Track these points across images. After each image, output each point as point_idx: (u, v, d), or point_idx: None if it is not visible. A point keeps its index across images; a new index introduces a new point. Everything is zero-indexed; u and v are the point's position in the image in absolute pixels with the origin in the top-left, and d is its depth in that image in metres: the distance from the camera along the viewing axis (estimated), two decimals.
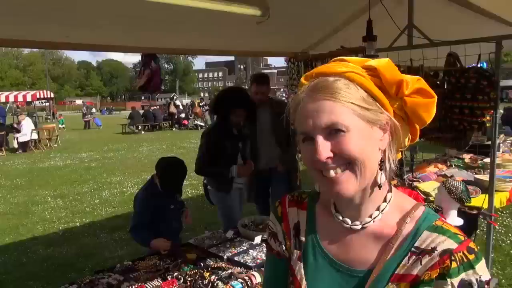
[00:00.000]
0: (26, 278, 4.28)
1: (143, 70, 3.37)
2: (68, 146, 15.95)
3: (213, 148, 3.26)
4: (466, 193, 2.82)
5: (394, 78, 0.78)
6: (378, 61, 0.80)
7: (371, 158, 0.78)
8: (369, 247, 0.84)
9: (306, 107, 0.78)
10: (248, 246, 2.66)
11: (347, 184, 0.77)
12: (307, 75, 0.84)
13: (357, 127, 0.76)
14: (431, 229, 0.79)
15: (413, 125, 0.84)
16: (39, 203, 7.41)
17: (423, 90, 0.79)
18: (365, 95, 0.77)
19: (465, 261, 0.74)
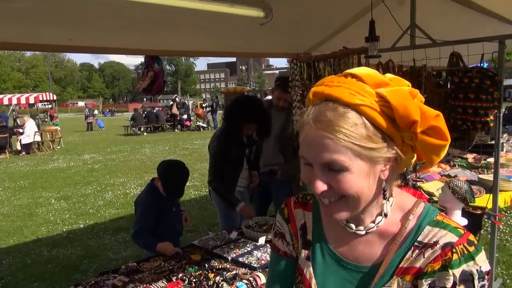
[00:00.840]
0: (31, 279, 4.30)
1: (146, 72, 3.37)
2: (71, 148, 16.00)
3: (223, 156, 3.24)
4: (470, 193, 2.82)
5: (407, 119, 0.73)
6: (394, 93, 0.73)
7: (367, 193, 0.79)
8: (374, 245, 0.87)
9: (309, 135, 0.76)
10: (253, 247, 2.66)
11: (340, 211, 0.80)
12: (316, 93, 0.79)
13: (358, 167, 0.75)
14: (433, 224, 0.82)
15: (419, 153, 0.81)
16: (43, 205, 7.43)
17: (439, 130, 0.74)
18: (373, 132, 0.74)
19: (466, 253, 0.78)
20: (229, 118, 3.21)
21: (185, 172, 2.93)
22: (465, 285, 0.77)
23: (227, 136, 3.21)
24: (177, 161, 3.01)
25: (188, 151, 13.62)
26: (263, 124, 3.21)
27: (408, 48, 3.07)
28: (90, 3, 2.24)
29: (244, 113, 3.12)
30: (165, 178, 2.84)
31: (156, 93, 3.46)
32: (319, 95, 0.78)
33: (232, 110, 3.23)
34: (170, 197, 2.91)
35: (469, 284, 0.77)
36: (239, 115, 3.13)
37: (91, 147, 16.12)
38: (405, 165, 0.82)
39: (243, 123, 3.13)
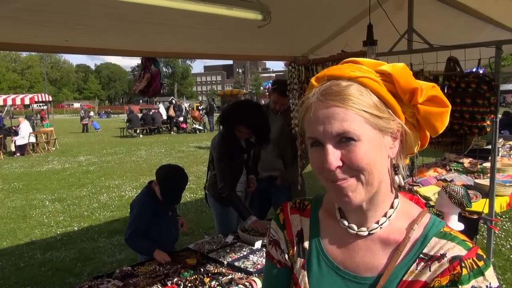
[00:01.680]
0: (23, 283, 4.25)
1: (143, 74, 3.35)
2: (66, 149, 15.91)
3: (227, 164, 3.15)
4: (467, 197, 2.82)
5: (409, 86, 0.76)
6: (393, 66, 0.77)
7: (379, 168, 0.77)
8: (375, 253, 0.83)
9: (317, 112, 0.76)
10: (249, 251, 2.64)
11: (355, 193, 0.76)
12: (318, 77, 0.81)
13: (369, 136, 0.75)
14: (440, 235, 0.79)
15: (424, 132, 0.82)
16: (37, 207, 7.37)
17: (437, 98, 0.77)
18: (378, 102, 0.76)
19: (475, 267, 0.74)
20: (222, 120, 3.19)
21: (184, 178, 2.89)
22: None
23: (227, 142, 3.15)
24: (177, 167, 2.96)
25: (184, 154, 13.58)
26: (260, 131, 3.12)
27: (405, 52, 3.07)
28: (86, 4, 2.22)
29: (236, 115, 3.07)
30: (163, 184, 2.80)
31: (153, 95, 3.43)
32: (321, 78, 0.80)
33: (225, 112, 3.21)
34: (167, 203, 2.88)
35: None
36: (231, 117, 3.09)
37: (87, 148, 16.04)
38: (410, 148, 0.82)
39: (234, 125, 3.07)
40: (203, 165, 10.37)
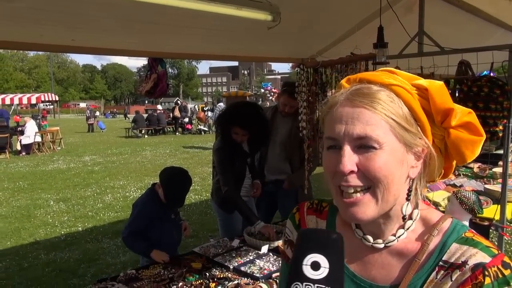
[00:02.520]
0: (27, 283, 4.23)
1: (149, 74, 3.32)
2: (72, 149, 15.96)
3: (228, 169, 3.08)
4: (478, 204, 2.76)
5: (444, 105, 0.71)
6: (431, 82, 0.73)
7: (397, 184, 0.72)
8: (392, 264, 0.78)
9: (342, 110, 0.72)
10: (255, 256, 2.59)
11: (365, 208, 0.71)
12: (350, 79, 0.78)
13: (391, 146, 0.70)
14: (461, 241, 0.74)
15: (449, 161, 0.77)
16: (42, 207, 7.37)
17: (472, 126, 0.72)
18: (408, 114, 0.72)
19: (500, 276, 0.69)
20: (218, 123, 3.15)
21: (188, 181, 2.85)
22: None
23: (227, 146, 3.08)
24: (181, 169, 2.92)
25: (189, 155, 13.57)
26: (256, 132, 3.03)
27: (416, 55, 3.02)
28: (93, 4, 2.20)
29: (230, 117, 3.01)
30: (167, 186, 2.77)
31: (159, 95, 3.41)
32: (353, 80, 0.78)
33: (220, 115, 3.16)
34: (171, 205, 2.84)
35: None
36: (226, 119, 3.04)
37: (92, 148, 16.08)
38: (432, 173, 0.77)
39: (230, 127, 3.00)
40: (207, 166, 10.34)
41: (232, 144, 3.07)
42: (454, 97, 3.08)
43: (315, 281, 0.59)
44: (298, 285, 0.60)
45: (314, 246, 0.62)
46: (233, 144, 3.07)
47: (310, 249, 0.62)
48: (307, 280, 0.60)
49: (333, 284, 0.59)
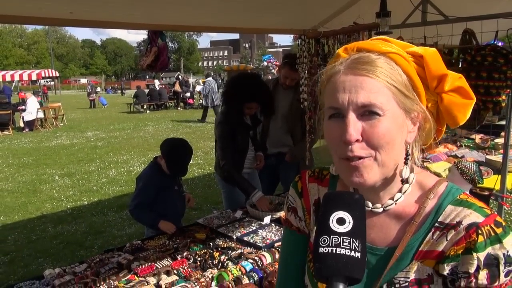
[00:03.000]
0: (36, 255, 4.35)
1: (149, 48, 3.28)
2: (74, 125, 15.99)
3: (228, 142, 3.09)
4: (479, 174, 2.77)
5: (439, 71, 0.74)
6: (425, 50, 0.75)
7: (397, 150, 0.75)
8: (390, 227, 0.82)
9: (344, 79, 0.73)
10: (258, 226, 2.64)
11: (369, 173, 0.74)
12: (347, 48, 0.79)
13: (393, 113, 0.72)
14: (456, 203, 0.77)
15: (441, 124, 0.80)
16: (47, 182, 7.46)
17: (463, 90, 0.76)
18: (407, 81, 0.74)
19: (492, 234, 0.72)
20: (228, 99, 3.09)
21: (189, 150, 2.90)
22: (488, 270, 0.71)
23: (230, 120, 3.09)
24: (181, 139, 2.97)
25: (192, 129, 13.58)
26: (265, 103, 3.06)
27: (419, 24, 2.97)
28: None
29: (244, 92, 2.97)
30: (168, 156, 2.82)
31: (160, 69, 3.37)
32: (350, 49, 0.78)
33: (230, 91, 3.09)
34: (174, 175, 2.89)
35: (493, 269, 0.71)
36: (238, 95, 2.99)
37: (94, 124, 16.10)
38: (427, 136, 0.80)
39: (243, 103, 2.99)
40: (210, 141, 10.37)
41: (235, 118, 3.08)
42: (457, 67, 3.04)
43: (341, 234, 0.65)
44: (326, 238, 0.65)
45: (340, 205, 0.68)
46: (236, 118, 3.08)
47: (336, 208, 0.68)
48: (334, 233, 0.65)
49: (357, 236, 0.65)
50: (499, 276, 0.71)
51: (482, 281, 0.72)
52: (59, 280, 2.05)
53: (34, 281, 2.09)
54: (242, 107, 3.02)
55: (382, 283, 0.79)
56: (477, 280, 0.72)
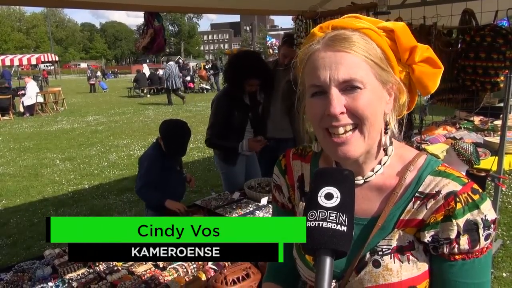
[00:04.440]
0: (38, 237, 4.40)
1: (146, 29, 3.25)
2: (75, 109, 15.99)
3: (223, 117, 3.12)
4: (476, 155, 2.78)
5: (409, 44, 0.77)
6: (394, 24, 0.78)
7: (378, 119, 0.78)
8: (372, 198, 0.84)
9: (323, 57, 0.75)
10: (255, 207, 2.67)
11: (355, 145, 0.76)
12: (322, 27, 0.81)
13: (372, 85, 0.75)
14: (434, 173, 0.80)
15: (413, 94, 0.84)
16: (48, 166, 7.51)
17: (431, 60, 0.79)
18: (381, 54, 0.76)
19: (470, 201, 0.75)
20: (229, 75, 3.09)
21: (186, 130, 2.90)
22: (469, 235, 0.74)
23: (228, 96, 3.10)
24: (178, 120, 2.98)
25: (192, 113, 13.57)
26: (265, 78, 3.05)
27: (419, 4, 2.94)
28: None
29: (244, 67, 2.97)
30: (166, 137, 2.83)
31: (156, 51, 3.35)
32: (325, 28, 0.80)
33: (231, 67, 3.09)
34: (172, 155, 2.90)
35: (473, 234, 0.74)
36: (239, 70, 2.98)
37: (95, 108, 16.09)
38: (402, 107, 0.83)
39: (244, 79, 2.98)
40: None
41: (235, 95, 3.08)
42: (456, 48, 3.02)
43: (328, 208, 0.66)
44: (313, 212, 0.66)
45: (328, 181, 0.70)
46: (236, 94, 3.08)
47: (324, 183, 0.69)
48: (321, 208, 0.67)
49: (344, 210, 0.66)
50: (479, 240, 0.75)
51: (464, 246, 0.75)
52: (59, 260, 2.09)
53: (35, 261, 2.13)
54: (242, 83, 3.01)
55: (365, 252, 0.82)
56: (459, 245, 0.75)
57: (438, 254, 0.78)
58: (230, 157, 3.25)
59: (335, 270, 0.85)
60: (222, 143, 3.21)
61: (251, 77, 2.98)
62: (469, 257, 0.76)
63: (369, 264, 0.81)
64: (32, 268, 2.05)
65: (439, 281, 0.80)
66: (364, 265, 0.82)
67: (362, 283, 0.82)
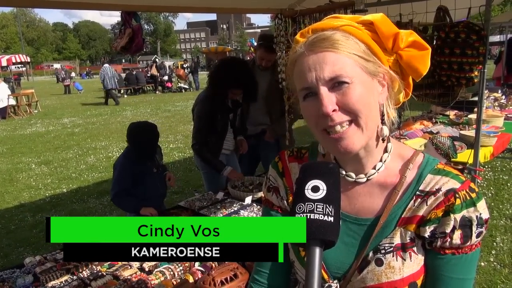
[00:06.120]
0: (15, 245, 4.28)
1: (123, 29, 3.20)
2: (49, 111, 15.57)
3: (207, 120, 3.10)
4: (453, 148, 2.87)
5: (390, 32, 0.78)
6: (373, 16, 0.79)
7: (374, 110, 0.79)
8: (374, 196, 0.86)
9: (307, 60, 0.77)
10: (239, 207, 2.67)
11: (353, 139, 0.77)
12: (303, 32, 0.82)
13: (360, 78, 0.76)
14: (434, 172, 0.82)
15: (407, 80, 0.85)
16: (23, 170, 7.29)
17: (417, 43, 0.80)
18: (364, 47, 0.77)
19: (468, 198, 0.78)
20: (214, 82, 3.05)
21: (151, 133, 2.85)
22: (462, 230, 0.78)
23: (212, 100, 3.08)
24: (145, 122, 2.93)
25: (171, 113, 13.43)
26: (249, 90, 3.07)
27: (394, 2, 2.99)
28: None
29: (230, 78, 2.96)
30: (131, 140, 2.83)
31: (135, 51, 3.30)
32: (305, 33, 0.81)
33: (217, 74, 3.06)
34: (139, 158, 2.84)
35: (466, 230, 0.78)
36: (225, 80, 2.96)
37: (70, 110, 15.71)
38: (397, 94, 0.84)
39: (229, 88, 2.98)
40: (190, 124, 10.26)
41: (218, 101, 3.06)
42: (431, 44, 3.09)
43: (315, 200, 0.68)
44: (301, 205, 0.68)
45: (314, 174, 0.72)
46: (219, 100, 3.06)
47: (311, 177, 0.72)
48: (309, 200, 0.69)
49: (330, 202, 0.68)
50: (471, 236, 0.78)
51: (456, 240, 0.78)
52: (40, 267, 2.03)
53: (15, 270, 2.06)
54: (227, 92, 3.01)
55: (368, 251, 0.83)
56: (451, 239, 0.78)
57: (431, 247, 0.80)
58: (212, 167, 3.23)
59: (338, 272, 0.87)
60: (210, 159, 3.16)
61: (235, 87, 2.98)
62: (458, 252, 0.79)
63: (372, 263, 0.82)
64: (12, 277, 1.98)
65: (429, 274, 0.82)
66: (366, 264, 0.83)
67: (364, 282, 0.83)
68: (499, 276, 3.13)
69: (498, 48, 13.27)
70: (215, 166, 3.15)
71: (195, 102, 3.25)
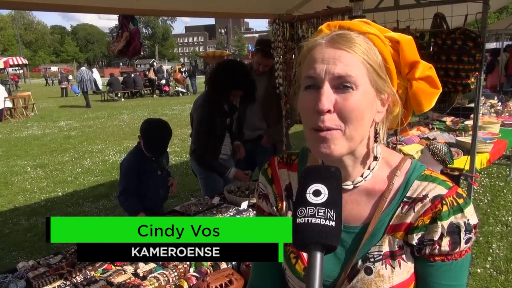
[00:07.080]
0: (9, 249, 4.24)
1: (120, 33, 3.19)
2: (46, 114, 15.52)
3: (207, 125, 3.08)
4: (449, 155, 2.86)
5: (412, 58, 0.78)
6: (402, 36, 0.79)
7: (365, 126, 0.78)
8: (362, 204, 0.85)
9: (323, 52, 0.76)
10: (235, 212, 2.65)
11: (336, 145, 0.76)
12: (330, 24, 0.82)
13: (365, 89, 0.75)
14: (421, 178, 0.81)
15: (407, 110, 0.84)
16: (19, 173, 7.25)
17: (431, 79, 0.80)
18: (381, 62, 0.77)
19: (455, 204, 0.77)
20: (214, 84, 3.04)
21: (167, 129, 2.84)
22: (451, 237, 0.77)
23: (211, 104, 3.07)
24: (160, 119, 2.92)
25: (168, 117, 13.39)
26: (249, 91, 3.06)
27: (392, 8, 3.01)
28: None
29: (231, 79, 2.94)
30: (145, 134, 2.78)
31: (132, 55, 3.29)
32: (332, 26, 0.81)
33: (217, 76, 3.04)
34: (152, 153, 2.83)
35: (455, 236, 0.77)
36: (226, 81, 2.95)
37: (67, 113, 15.67)
38: (394, 120, 0.83)
39: (230, 90, 2.97)
40: (187, 128, 10.28)
41: (218, 103, 3.05)
42: (428, 51, 3.10)
43: (316, 205, 0.68)
44: (303, 209, 0.67)
45: (316, 178, 0.71)
46: (219, 103, 3.05)
47: (312, 181, 0.71)
48: (310, 204, 0.68)
49: (331, 206, 0.67)
50: (460, 243, 0.77)
51: (444, 247, 0.77)
52: (33, 272, 2.01)
53: (7, 275, 2.04)
54: (227, 93, 2.99)
55: (357, 259, 0.82)
56: (440, 247, 0.77)
57: (421, 255, 0.79)
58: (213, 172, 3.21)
59: (327, 280, 0.85)
60: (212, 163, 3.13)
61: (236, 87, 2.96)
62: (448, 259, 0.78)
63: (361, 272, 0.81)
64: (4, 282, 1.96)
65: (420, 282, 0.82)
66: (356, 273, 0.82)
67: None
68: (495, 283, 3.12)
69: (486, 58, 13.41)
70: (219, 171, 3.10)
71: (194, 106, 3.24)
